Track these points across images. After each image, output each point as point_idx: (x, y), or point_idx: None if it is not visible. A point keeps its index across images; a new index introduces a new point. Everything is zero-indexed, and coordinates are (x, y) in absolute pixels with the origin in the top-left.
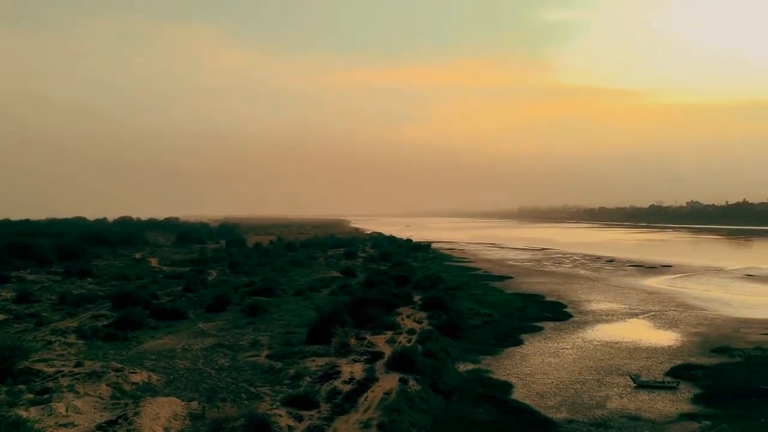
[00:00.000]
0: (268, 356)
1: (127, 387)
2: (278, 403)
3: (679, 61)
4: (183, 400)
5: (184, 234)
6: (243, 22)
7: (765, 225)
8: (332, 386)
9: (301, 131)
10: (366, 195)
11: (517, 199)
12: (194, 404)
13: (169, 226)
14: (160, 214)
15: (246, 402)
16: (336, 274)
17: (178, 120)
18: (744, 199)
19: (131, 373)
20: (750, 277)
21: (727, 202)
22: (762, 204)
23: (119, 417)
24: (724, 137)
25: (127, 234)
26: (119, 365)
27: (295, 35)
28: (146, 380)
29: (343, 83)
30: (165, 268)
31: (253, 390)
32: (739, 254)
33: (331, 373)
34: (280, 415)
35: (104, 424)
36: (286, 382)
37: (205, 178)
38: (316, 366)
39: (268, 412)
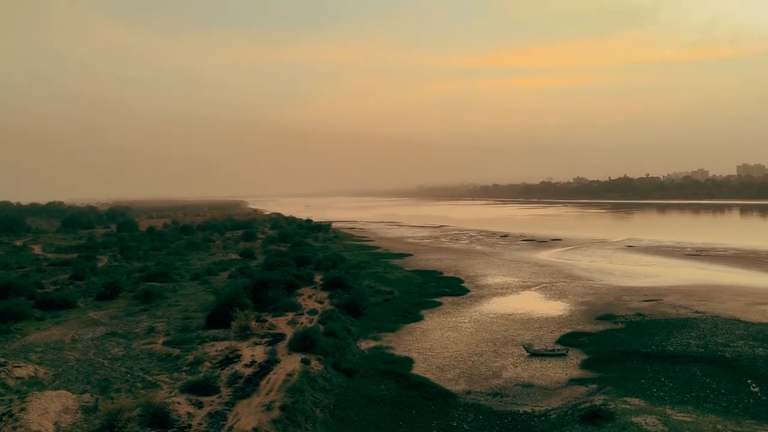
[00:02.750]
0: (164, 343)
1: (11, 382)
2: (177, 390)
3: (557, 43)
4: (74, 393)
5: (69, 219)
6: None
7: (644, 199)
8: (233, 371)
9: (198, 109)
10: (264, 175)
11: (416, 177)
12: (86, 396)
13: (53, 210)
14: (43, 198)
15: (142, 391)
16: (234, 256)
17: (63, 97)
18: (625, 175)
19: (15, 367)
20: (631, 247)
21: (609, 177)
22: (641, 179)
23: (3, 414)
24: (607, 117)
25: (5, 220)
26: (1, 359)
27: (197, 14)
28: (32, 374)
29: (242, 61)
30: (50, 255)
31: (150, 378)
32: (621, 226)
33: (232, 357)
34: (179, 403)
35: None
36: (184, 368)
37: (92, 159)
38: (216, 351)
39: (166, 400)
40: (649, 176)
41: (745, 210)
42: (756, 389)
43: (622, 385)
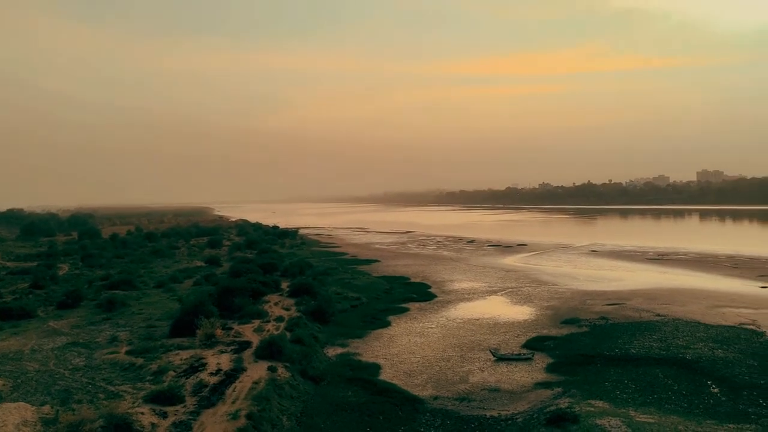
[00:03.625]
0: (128, 352)
1: None
2: (140, 400)
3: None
4: (34, 405)
5: (29, 226)
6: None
7: (607, 204)
8: (198, 379)
9: (160, 116)
10: (230, 181)
11: (383, 184)
12: (46, 408)
13: (12, 218)
14: (1, 205)
15: (104, 402)
16: (200, 263)
17: (21, 103)
18: (589, 181)
19: None
20: (594, 252)
21: (574, 183)
22: (604, 185)
23: None
24: (571, 124)
25: None
26: None
27: (164, 19)
28: None
29: (204, 66)
30: (9, 263)
31: (112, 389)
32: (584, 231)
33: (197, 365)
34: (143, 413)
35: None
36: (148, 378)
37: (53, 165)
38: (181, 360)
39: (129, 411)
40: (612, 182)
41: (704, 215)
42: (716, 390)
43: (587, 388)
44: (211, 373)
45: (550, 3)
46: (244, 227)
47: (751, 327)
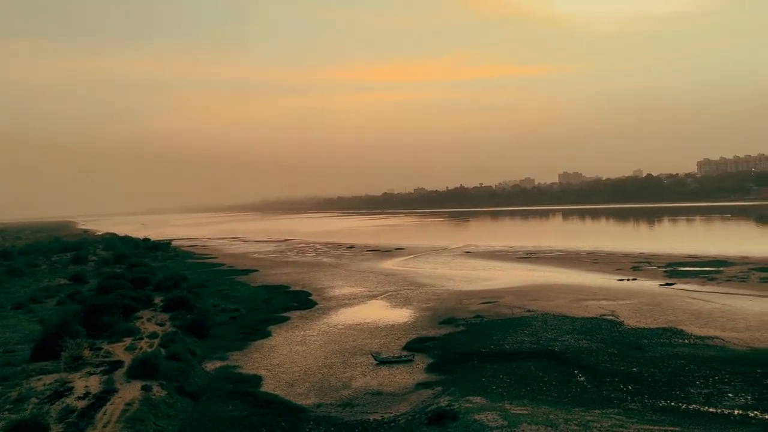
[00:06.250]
0: None
1: None
2: None
3: (393, 56)
4: None
5: None
6: None
7: (479, 207)
8: (64, 405)
9: (14, 125)
10: (95, 194)
11: (259, 192)
12: None
13: None
14: None
15: None
16: (64, 281)
17: None
18: (461, 185)
19: None
20: (468, 253)
21: (447, 187)
22: (475, 188)
23: None
24: (444, 129)
25: None
26: None
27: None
28: None
29: (61, 72)
30: None
31: None
32: (459, 234)
33: (62, 390)
34: None
35: None
36: (7, 407)
37: None
38: (44, 385)
39: None
40: (483, 185)
41: (566, 214)
42: (582, 379)
43: (465, 386)
44: (79, 397)
45: (425, 11)
46: (112, 241)
47: (611, 317)
